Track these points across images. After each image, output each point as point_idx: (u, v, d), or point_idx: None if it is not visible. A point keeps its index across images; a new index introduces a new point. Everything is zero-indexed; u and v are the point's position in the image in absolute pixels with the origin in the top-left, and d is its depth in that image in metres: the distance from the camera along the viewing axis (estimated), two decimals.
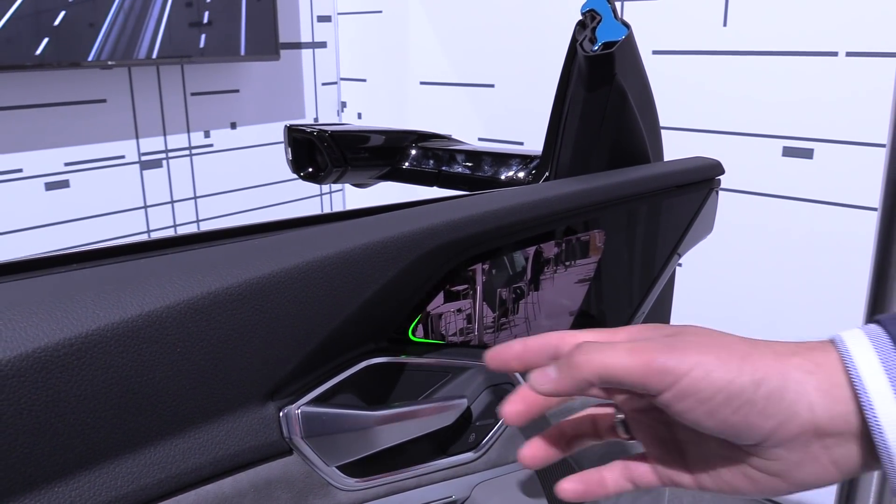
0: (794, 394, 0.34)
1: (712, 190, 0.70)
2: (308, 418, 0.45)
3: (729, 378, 0.34)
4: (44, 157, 1.69)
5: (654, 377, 0.35)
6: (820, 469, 0.35)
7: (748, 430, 0.35)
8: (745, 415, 0.34)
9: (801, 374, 0.35)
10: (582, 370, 0.37)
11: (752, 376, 0.34)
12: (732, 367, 0.34)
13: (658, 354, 0.35)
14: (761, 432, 0.35)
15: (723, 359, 0.35)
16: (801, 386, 0.34)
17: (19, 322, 0.34)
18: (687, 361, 0.35)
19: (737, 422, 0.35)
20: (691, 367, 0.35)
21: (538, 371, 0.39)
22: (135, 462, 0.39)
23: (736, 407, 0.34)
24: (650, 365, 0.35)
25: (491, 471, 0.58)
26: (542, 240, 0.57)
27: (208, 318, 0.39)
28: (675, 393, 0.35)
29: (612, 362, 0.36)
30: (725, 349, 0.35)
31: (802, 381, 0.34)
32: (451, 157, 0.77)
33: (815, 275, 1.49)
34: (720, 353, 0.35)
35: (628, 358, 0.36)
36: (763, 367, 0.35)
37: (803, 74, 1.46)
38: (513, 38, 1.88)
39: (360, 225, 0.48)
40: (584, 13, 0.62)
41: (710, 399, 0.34)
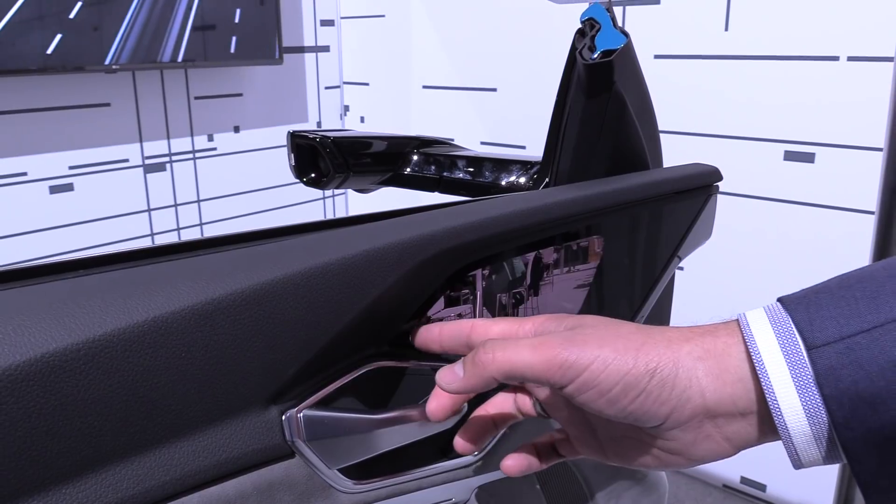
0: (685, 380, 0.37)
1: (710, 196, 0.70)
2: (310, 422, 0.46)
3: (625, 370, 0.37)
4: (48, 161, 1.70)
5: (556, 372, 0.37)
6: (714, 445, 0.38)
7: (645, 416, 0.37)
8: (642, 403, 0.37)
9: (692, 360, 0.37)
10: (487, 368, 0.39)
11: (647, 366, 0.37)
12: (629, 359, 0.37)
13: (559, 350, 0.37)
14: (657, 417, 0.37)
15: (619, 351, 0.37)
16: (692, 372, 0.37)
17: (29, 327, 0.35)
18: (586, 356, 0.37)
19: (634, 409, 0.37)
20: (591, 361, 0.37)
21: (446, 369, 0.42)
22: (140, 465, 0.40)
23: (632, 396, 0.37)
24: (552, 361, 0.37)
25: (491, 474, 0.59)
26: (542, 245, 0.58)
27: (212, 323, 0.40)
28: (577, 386, 0.37)
29: (515, 360, 0.38)
30: (622, 340, 0.38)
31: (693, 367, 0.37)
32: (453, 162, 0.78)
33: (816, 278, 1.49)
34: (616, 344, 0.37)
35: (531, 355, 0.38)
36: (656, 357, 0.37)
37: (805, 79, 1.47)
38: (515, 42, 1.88)
39: (361, 231, 0.48)
40: (584, 22, 0.63)
41: (609, 390, 0.37)
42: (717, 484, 1.76)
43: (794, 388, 0.34)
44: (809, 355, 0.34)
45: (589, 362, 0.37)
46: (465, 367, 0.41)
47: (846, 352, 0.33)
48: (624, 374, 0.36)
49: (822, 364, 0.33)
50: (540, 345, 0.38)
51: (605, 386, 0.37)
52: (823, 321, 0.34)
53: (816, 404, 0.34)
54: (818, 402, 0.34)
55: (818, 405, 0.34)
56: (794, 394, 0.34)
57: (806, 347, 0.34)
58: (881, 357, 0.32)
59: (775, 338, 0.35)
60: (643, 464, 0.41)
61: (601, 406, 0.37)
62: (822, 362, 0.33)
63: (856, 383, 0.33)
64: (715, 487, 1.76)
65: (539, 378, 0.38)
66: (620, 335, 0.38)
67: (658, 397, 0.37)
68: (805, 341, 0.34)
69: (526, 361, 0.38)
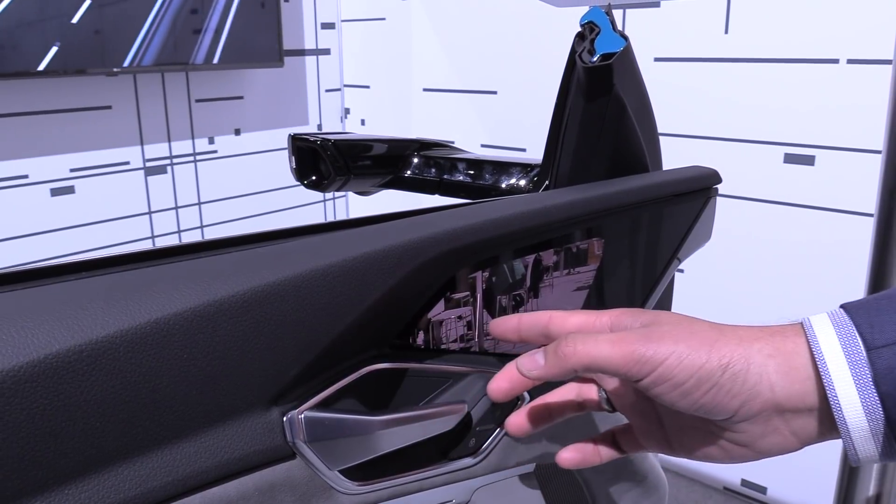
0: (756, 375, 0.38)
1: (710, 198, 0.70)
2: (311, 423, 0.46)
3: (699, 364, 0.38)
4: (49, 164, 1.70)
5: (634, 366, 0.39)
6: (781, 439, 0.40)
7: (716, 409, 0.39)
8: (714, 396, 0.39)
9: (763, 357, 0.39)
10: (569, 360, 0.41)
11: (719, 361, 0.38)
12: (702, 354, 0.39)
13: (638, 346, 0.39)
14: (728, 410, 0.39)
15: (693, 346, 0.39)
16: (762, 368, 0.39)
17: (32, 329, 0.35)
18: (663, 351, 0.39)
19: (706, 402, 0.39)
20: (666, 356, 0.39)
21: (527, 356, 0.43)
22: (142, 466, 0.40)
23: (705, 390, 0.39)
24: (631, 356, 0.39)
25: (491, 475, 0.59)
26: (542, 248, 0.58)
27: (214, 325, 0.40)
28: (653, 379, 0.39)
29: (596, 354, 0.40)
30: (696, 337, 0.40)
31: (763, 363, 0.39)
32: (453, 165, 0.78)
33: (816, 280, 1.49)
34: (691, 340, 0.39)
35: (611, 349, 0.40)
36: (728, 353, 0.39)
37: (804, 81, 1.47)
38: (515, 45, 1.89)
39: (362, 234, 0.49)
40: (583, 25, 0.63)
41: (683, 383, 0.39)
42: (717, 486, 1.76)
43: (854, 387, 0.36)
44: (869, 356, 0.36)
45: (665, 357, 0.39)
46: (547, 356, 0.42)
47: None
48: (698, 369, 0.38)
49: (880, 364, 0.35)
50: (619, 340, 0.40)
51: (680, 379, 0.39)
52: (883, 325, 0.36)
53: (874, 402, 0.36)
54: (875, 400, 0.36)
55: (875, 403, 0.36)
56: (853, 391, 0.36)
57: (866, 348, 0.36)
58: None
59: (837, 339, 0.37)
60: (709, 456, 0.43)
61: (674, 398, 0.39)
62: (881, 363, 0.35)
63: None
64: (715, 490, 1.76)
65: (617, 371, 0.40)
66: (695, 332, 0.40)
67: (730, 391, 0.38)
68: (865, 343, 0.36)
69: (605, 355, 0.40)
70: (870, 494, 0.92)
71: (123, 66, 1.64)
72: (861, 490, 0.94)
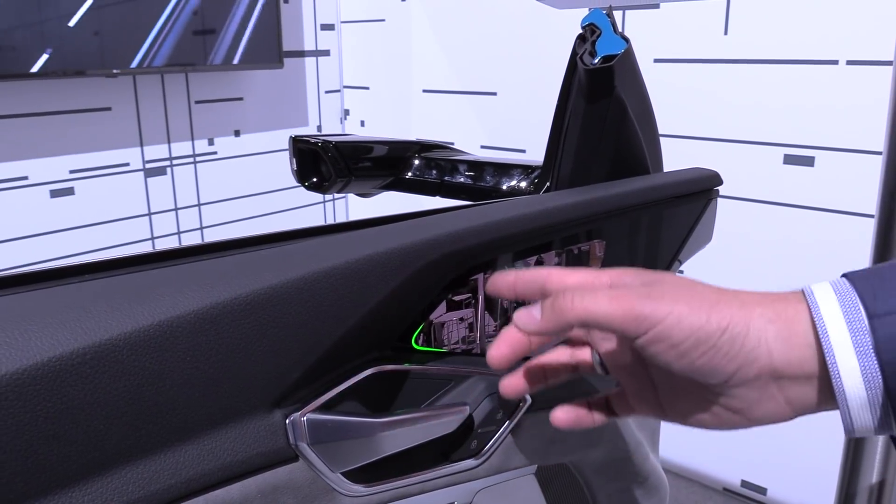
0: (755, 340, 0.38)
1: (711, 200, 0.71)
2: (314, 425, 0.46)
3: (698, 325, 0.38)
4: (49, 165, 1.70)
5: (631, 323, 0.38)
6: (775, 406, 0.39)
7: (712, 372, 0.38)
8: (711, 358, 0.38)
9: (763, 322, 0.38)
10: (566, 314, 0.40)
11: (719, 323, 0.38)
12: (702, 315, 0.38)
13: (636, 302, 0.39)
14: (724, 373, 0.38)
15: (693, 307, 0.38)
16: (762, 333, 0.38)
17: (35, 332, 0.35)
18: (662, 309, 0.38)
19: (703, 364, 0.38)
20: (665, 314, 0.38)
21: (524, 311, 0.43)
22: (145, 468, 0.40)
23: (703, 351, 0.38)
24: (629, 312, 0.38)
25: (492, 477, 0.59)
26: (543, 250, 0.58)
27: (217, 327, 0.40)
28: (650, 337, 0.38)
29: (594, 308, 0.39)
30: (697, 298, 0.39)
31: (763, 328, 0.38)
32: (454, 167, 0.78)
33: (815, 281, 1.49)
34: (692, 301, 0.39)
35: (609, 305, 0.39)
36: (728, 315, 0.38)
37: (804, 82, 1.47)
38: (515, 47, 1.89)
39: (364, 236, 0.49)
40: (584, 27, 0.63)
41: (680, 343, 0.38)
42: (717, 487, 1.76)
43: (853, 353, 0.36)
44: (871, 323, 0.35)
45: (664, 315, 0.38)
46: (544, 310, 0.41)
47: None
48: (697, 329, 0.38)
49: (882, 332, 0.35)
50: (618, 296, 0.39)
51: (678, 339, 0.38)
52: (886, 293, 0.36)
53: (874, 370, 0.35)
54: (875, 368, 0.35)
55: (875, 371, 0.35)
56: (853, 358, 0.36)
57: (868, 316, 0.36)
58: None
59: (839, 306, 0.37)
60: (701, 421, 0.43)
61: (671, 359, 0.39)
62: (883, 331, 0.35)
63: None
64: (715, 491, 1.76)
65: (615, 327, 0.39)
66: (696, 293, 0.39)
67: (727, 353, 0.38)
68: (867, 310, 0.36)
69: (604, 310, 0.39)
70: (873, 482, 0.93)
71: (123, 68, 1.64)
72: (863, 480, 0.94)
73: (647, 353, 0.39)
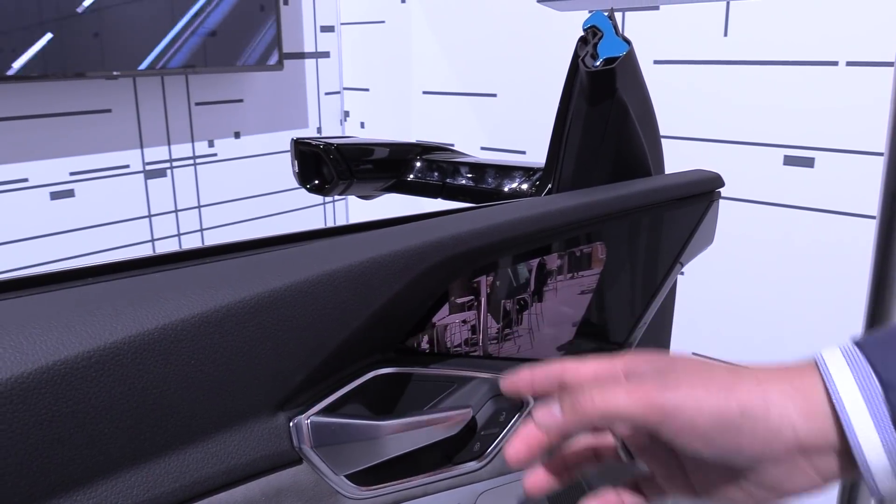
0: (777, 417, 0.38)
1: (713, 202, 0.71)
2: (317, 428, 0.46)
3: (718, 410, 0.38)
4: (49, 167, 1.70)
5: (652, 415, 0.39)
6: (806, 479, 0.39)
7: (739, 453, 0.38)
8: (735, 439, 0.38)
9: (782, 398, 0.38)
10: (587, 412, 0.40)
11: (739, 404, 0.38)
12: (721, 398, 0.38)
13: (655, 394, 0.39)
14: (751, 453, 0.38)
15: (711, 391, 0.38)
16: (783, 409, 0.38)
17: (40, 336, 0.35)
18: (680, 397, 0.38)
19: (729, 446, 0.38)
20: (684, 402, 0.38)
21: (545, 411, 0.42)
22: (149, 471, 0.40)
23: (726, 434, 0.38)
24: (649, 405, 0.39)
25: (495, 479, 0.59)
26: (545, 252, 0.58)
27: (221, 331, 0.40)
28: (673, 427, 0.39)
29: (614, 404, 0.40)
30: (713, 381, 0.39)
31: (783, 404, 0.38)
32: (456, 169, 0.78)
33: (816, 283, 1.49)
34: (709, 386, 0.39)
35: (628, 399, 0.39)
36: (747, 395, 0.38)
37: (804, 84, 1.47)
38: (515, 48, 1.89)
39: (367, 239, 0.49)
40: (586, 30, 0.63)
41: (703, 429, 0.38)
42: None
43: (873, 427, 0.36)
44: (886, 395, 0.36)
45: (682, 403, 0.38)
46: (564, 409, 0.42)
47: None
48: (717, 414, 0.38)
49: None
50: (635, 389, 0.40)
51: (701, 426, 0.38)
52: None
53: (893, 441, 0.35)
54: (894, 439, 0.35)
55: (894, 441, 0.35)
56: (873, 432, 0.36)
57: (882, 387, 0.36)
58: None
59: (853, 378, 0.37)
60: (735, 499, 0.42)
61: (698, 446, 0.39)
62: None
63: None
64: None
65: (637, 421, 0.39)
66: (711, 376, 0.40)
67: (752, 433, 0.38)
68: (881, 381, 0.36)
69: (624, 405, 0.39)
70: None
71: (123, 70, 1.64)
72: (863, 492, 0.94)
73: (674, 443, 0.40)
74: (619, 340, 0.68)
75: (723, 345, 1.62)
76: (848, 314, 1.42)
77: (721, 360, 1.59)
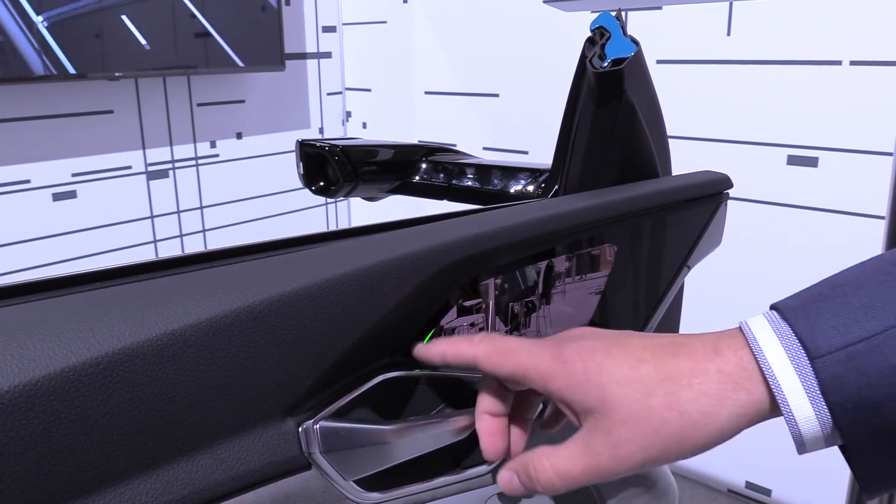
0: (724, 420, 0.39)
1: (721, 203, 0.70)
2: (326, 433, 0.46)
3: (675, 456, 0.40)
4: (51, 168, 1.70)
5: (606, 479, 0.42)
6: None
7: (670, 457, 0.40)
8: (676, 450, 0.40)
9: (728, 408, 0.38)
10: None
11: (693, 449, 0.39)
12: (673, 452, 0.39)
13: (607, 464, 0.40)
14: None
15: (667, 450, 0.39)
16: (728, 421, 0.38)
17: (47, 342, 0.35)
18: (636, 463, 0.40)
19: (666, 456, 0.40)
20: (640, 464, 0.40)
21: (506, 479, 0.46)
22: (158, 478, 0.39)
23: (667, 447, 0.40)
24: (602, 476, 0.41)
25: None
26: (554, 254, 0.58)
27: (230, 335, 0.40)
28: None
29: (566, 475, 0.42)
30: (661, 436, 0.39)
31: (729, 414, 0.38)
32: (461, 170, 0.78)
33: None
34: (658, 442, 0.39)
35: (581, 469, 0.41)
36: (704, 439, 0.39)
37: (807, 83, 1.47)
38: (517, 48, 1.89)
39: (376, 241, 0.48)
40: (594, 30, 0.63)
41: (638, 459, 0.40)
42: (721, 489, 1.76)
43: (806, 399, 0.36)
44: (813, 365, 0.36)
45: (639, 465, 0.40)
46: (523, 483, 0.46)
47: (847, 360, 0.35)
48: (676, 457, 0.40)
49: (826, 374, 0.35)
50: (582, 454, 0.42)
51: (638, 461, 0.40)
52: (824, 331, 0.36)
53: (823, 411, 0.36)
54: (824, 409, 0.36)
55: (825, 412, 0.36)
56: (807, 404, 0.36)
57: (809, 358, 0.36)
58: (883, 364, 0.34)
59: (783, 350, 0.37)
60: None
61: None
62: (827, 371, 0.35)
63: (859, 390, 0.35)
64: (720, 492, 1.76)
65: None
66: (658, 429, 0.39)
67: (693, 441, 0.39)
68: (808, 352, 0.36)
69: (575, 475, 0.42)
70: None
71: (125, 71, 1.64)
72: None
73: None
74: None
75: None
76: None
77: None
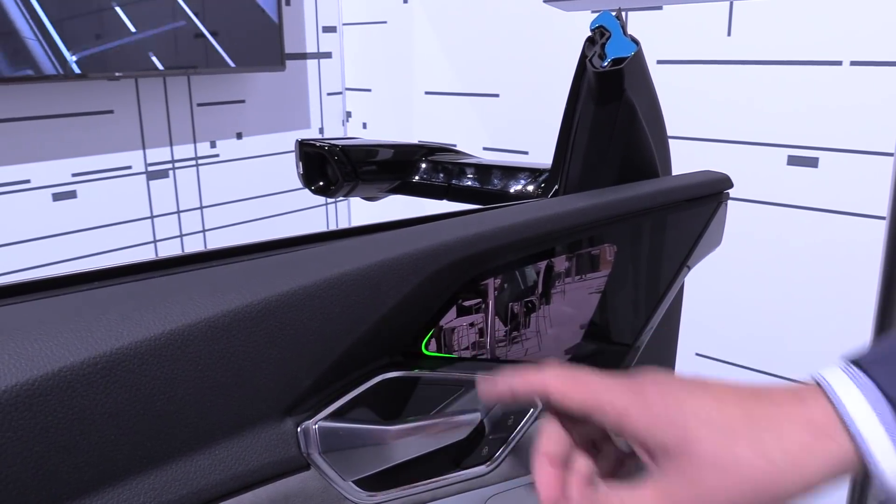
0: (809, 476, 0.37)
1: (721, 203, 0.70)
2: (325, 433, 0.46)
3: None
4: (51, 168, 1.69)
5: None
6: None
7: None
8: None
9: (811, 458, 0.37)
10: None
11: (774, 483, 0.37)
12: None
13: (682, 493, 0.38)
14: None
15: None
16: (812, 477, 0.37)
17: (45, 341, 0.35)
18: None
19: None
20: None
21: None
22: (157, 478, 0.39)
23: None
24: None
25: (503, 483, 0.59)
26: (554, 254, 0.58)
27: (229, 335, 0.40)
28: None
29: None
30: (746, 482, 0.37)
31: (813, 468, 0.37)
32: (461, 170, 0.78)
33: (822, 283, 1.49)
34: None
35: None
36: (785, 488, 0.37)
37: (808, 83, 1.47)
38: (517, 48, 1.88)
39: (375, 241, 0.48)
40: (594, 30, 0.63)
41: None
42: None
43: (892, 450, 0.35)
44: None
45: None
46: None
47: None
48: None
49: None
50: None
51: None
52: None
53: None
54: None
55: None
56: (893, 455, 0.35)
57: (893, 409, 0.36)
58: None
59: (865, 400, 0.36)
60: None
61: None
62: None
63: None
64: None
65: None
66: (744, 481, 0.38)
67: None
68: (891, 403, 0.36)
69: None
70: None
71: (125, 71, 1.64)
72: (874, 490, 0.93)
73: None
74: (627, 343, 0.68)
75: (726, 346, 1.62)
76: (851, 314, 1.42)
77: (722, 360, 1.59)
